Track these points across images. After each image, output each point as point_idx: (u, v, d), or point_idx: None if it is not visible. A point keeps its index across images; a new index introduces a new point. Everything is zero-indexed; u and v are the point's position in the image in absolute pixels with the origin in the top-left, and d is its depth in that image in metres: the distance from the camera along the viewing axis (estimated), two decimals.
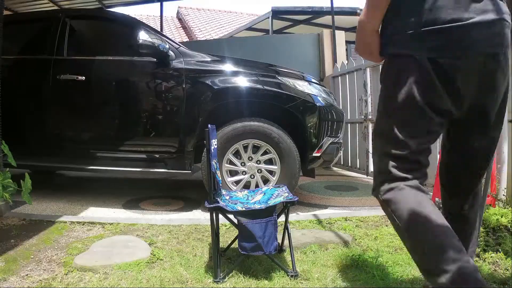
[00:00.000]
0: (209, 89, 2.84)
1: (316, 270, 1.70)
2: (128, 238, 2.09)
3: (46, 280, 1.61)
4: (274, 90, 2.86)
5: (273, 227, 1.61)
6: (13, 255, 1.86)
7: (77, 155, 3.06)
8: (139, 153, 2.99)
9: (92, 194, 3.46)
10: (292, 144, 2.75)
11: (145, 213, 2.83)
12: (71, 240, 2.11)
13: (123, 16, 3.38)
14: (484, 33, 1.05)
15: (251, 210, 1.67)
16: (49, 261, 1.82)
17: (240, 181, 2.83)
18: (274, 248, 1.59)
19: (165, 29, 10.73)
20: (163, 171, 2.94)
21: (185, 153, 2.87)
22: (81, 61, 3.11)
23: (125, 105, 3.05)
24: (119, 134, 3.06)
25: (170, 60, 2.90)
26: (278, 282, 1.57)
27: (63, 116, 3.10)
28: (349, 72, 4.64)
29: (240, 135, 2.76)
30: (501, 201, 2.39)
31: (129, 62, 3.01)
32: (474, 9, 1.04)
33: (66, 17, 3.19)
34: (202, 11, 14.04)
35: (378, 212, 2.63)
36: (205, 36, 10.92)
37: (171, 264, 1.77)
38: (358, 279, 1.61)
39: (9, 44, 3.04)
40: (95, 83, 3.05)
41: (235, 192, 2.03)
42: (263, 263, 1.74)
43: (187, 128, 2.87)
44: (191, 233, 2.24)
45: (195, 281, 1.59)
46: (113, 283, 1.57)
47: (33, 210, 2.73)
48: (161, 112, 3.00)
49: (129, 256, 1.81)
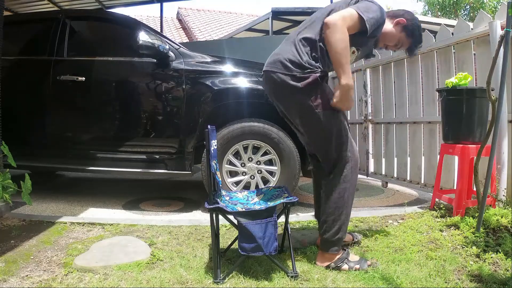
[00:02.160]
0: (209, 89, 2.84)
1: (316, 270, 1.70)
2: (128, 239, 2.08)
3: (46, 281, 1.61)
4: None
5: (273, 227, 1.61)
6: (13, 256, 1.86)
7: (77, 155, 3.06)
8: (139, 154, 2.99)
9: (92, 195, 3.46)
10: (292, 145, 2.75)
11: (145, 214, 2.83)
12: (71, 240, 2.11)
13: (123, 17, 3.38)
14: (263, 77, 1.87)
15: (251, 211, 1.67)
16: (49, 261, 1.82)
17: (240, 181, 2.83)
18: (274, 248, 1.59)
19: (165, 30, 10.74)
20: (163, 172, 2.94)
21: (185, 154, 2.87)
22: (81, 62, 3.12)
23: (125, 106, 3.05)
24: (119, 134, 3.05)
25: (170, 60, 2.91)
26: (278, 283, 1.57)
27: (63, 117, 3.10)
28: None
29: (240, 136, 2.76)
30: (501, 201, 2.39)
31: (129, 62, 3.02)
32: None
33: (66, 18, 3.19)
34: (202, 12, 14.05)
35: (377, 213, 2.63)
36: (205, 36, 10.92)
37: (171, 265, 1.77)
38: (358, 280, 1.61)
39: (10, 45, 3.05)
40: (95, 83, 3.05)
41: (235, 193, 2.03)
42: (263, 264, 1.74)
43: (187, 129, 2.87)
44: (191, 234, 2.24)
45: (195, 282, 1.59)
46: (113, 283, 1.57)
47: (33, 211, 2.73)
48: (161, 113, 3.00)
49: (129, 257, 1.81)
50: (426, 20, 8.61)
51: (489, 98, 2.04)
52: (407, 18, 1.91)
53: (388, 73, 3.77)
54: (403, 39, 1.93)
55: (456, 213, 2.36)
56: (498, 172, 2.43)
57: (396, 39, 1.93)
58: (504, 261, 1.76)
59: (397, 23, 1.90)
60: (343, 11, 1.69)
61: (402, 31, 1.91)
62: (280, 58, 1.76)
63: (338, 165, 1.76)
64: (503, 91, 2.00)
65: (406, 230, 2.25)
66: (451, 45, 2.90)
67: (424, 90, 3.27)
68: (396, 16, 1.93)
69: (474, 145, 2.38)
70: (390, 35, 1.92)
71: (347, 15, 1.66)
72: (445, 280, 1.61)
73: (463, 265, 1.76)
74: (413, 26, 1.91)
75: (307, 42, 1.75)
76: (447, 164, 2.88)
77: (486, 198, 2.07)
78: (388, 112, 3.81)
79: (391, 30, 1.91)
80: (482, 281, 1.59)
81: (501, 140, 2.41)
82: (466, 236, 2.06)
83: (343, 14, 1.67)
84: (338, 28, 1.62)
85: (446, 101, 2.51)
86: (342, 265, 1.73)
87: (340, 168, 1.76)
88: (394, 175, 3.68)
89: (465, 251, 1.90)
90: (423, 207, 2.77)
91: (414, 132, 3.42)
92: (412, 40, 1.94)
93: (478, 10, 14.06)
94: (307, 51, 1.74)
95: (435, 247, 1.99)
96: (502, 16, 2.37)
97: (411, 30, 1.90)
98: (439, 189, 2.77)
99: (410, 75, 3.44)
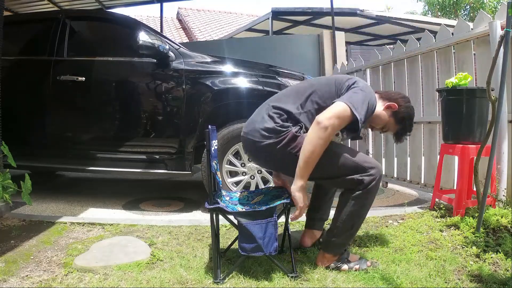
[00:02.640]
0: (209, 89, 2.84)
1: (316, 271, 1.70)
2: (128, 239, 2.08)
3: (46, 281, 1.61)
4: (274, 91, 2.85)
5: (273, 228, 1.60)
6: (13, 256, 1.86)
7: (77, 155, 3.06)
8: (139, 154, 2.99)
9: (92, 195, 3.46)
10: None
11: (145, 214, 2.83)
12: (71, 241, 2.11)
13: (123, 17, 3.38)
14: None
15: (251, 211, 1.67)
16: (49, 262, 1.82)
17: (240, 182, 2.83)
18: (274, 249, 1.59)
19: (165, 30, 10.74)
20: (163, 172, 2.94)
21: (185, 154, 2.87)
22: (81, 62, 3.12)
23: (125, 106, 3.05)
24: (119, 135, 3.05)
25: (170, 61, 2.91)
26: (278, 283, 1.57)
27: (64, 117, 3.10)
28: (349, 73, 4.64)
29: (240, 136, 2.75)
30: (501, 201, 2.39)
31: (129, 63, 3.02)
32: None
33: (66, 18, 3.19)
34: (202, 12, 14.05)
35: (377, 213, 2.63)
36: (205, 37, 10.93)
37: (171, 265, 1.77)
38: (358, 280, 1.61)
39: (10, 45, 3.05)
40: (95, 84, 3.05)
41: (235, 193, 2.03)
42: (263, 264, 1.74)
43: (187, 129, 2.87)
44: (191, 234, 2.24)
45: (195, 282, 1.59)
46: (113, 284, 1.57)
47: (33, 211, 2.73)
48: (161, 113, 3.00)
49: (129, 257, 1.81)
50: (426, 20, 8.62)
51: (489, 98, 2.04)
52: (400, 104, 1.84)
53: (388, 73, 3.77)
54: (391, 124, 1.87)
55: (456, 213, 2.36)
56: (498, 172, 2.42)
57: (384, 123, 1.87)
58: (504, 261, 1.76)
59: (388, 107, 1.84)
60: (338, 110, 1.62)
61: (392, 116, 1.85)
62: (257, 127, 1.78)
63: (355, 181, 1.65)
64: (503, 91, 2.00)
65: (406, 230, 2.25)
66: (451, 45, 2.90)
67: (424, 90, 3.27)
68: (389, 99, 1.86)
69: (474, 145, 2.38)
70: (378, 118, 1.85)
71: (341, 115, 1.61)
72: (445, 280, 1.61)
73: (463, 265, 1.76)
74: (404, 114, 1.85)
75: (283, 111, 1.76)
76: (447, 164, 2.88)
77: (486, 198, 2.07)
78: None
79: (380, 113, 1.84)
80: (482, 281, 1.59)
81: (501, 140, 2.41)
82: (466, 236, 2.06)
83: (338, 114, 1.61)
84: (325, 136, 1.59)
85: (446, 101, 2.51)
86: (342, 266, 1.73)
87: (359, 183, 1.65)
88: (394, 175, 3.68)
89: (465, 251, 1.90)
90: (423, 207, 2.77)
91: (414, 132, 3.41)
92: (400, 127, 1.88)
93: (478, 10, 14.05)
94: (282, 119, 1.75)
95: (435, 247, 1.99)
96: (502, 16, 2.37)
97: (401, 117, 1.85)
98: (439, 189, 2.77)
99: (410, 75, 3.44)
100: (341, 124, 1.65)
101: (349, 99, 1.66)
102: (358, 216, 1.70)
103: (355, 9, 7.71)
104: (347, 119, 1.64)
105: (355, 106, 1.63)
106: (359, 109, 1.64)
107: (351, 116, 1.63)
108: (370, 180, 1.63)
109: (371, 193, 1.66)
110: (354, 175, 1.64)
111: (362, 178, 1.63)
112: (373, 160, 1.72)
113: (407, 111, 1.87)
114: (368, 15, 7.81)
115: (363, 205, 1.67)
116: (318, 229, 2.04)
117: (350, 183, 1.66)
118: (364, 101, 1.68)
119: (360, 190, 1.64)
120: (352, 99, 1.66)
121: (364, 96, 1.70)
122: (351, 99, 1.66)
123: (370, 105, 1.71)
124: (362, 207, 1.68)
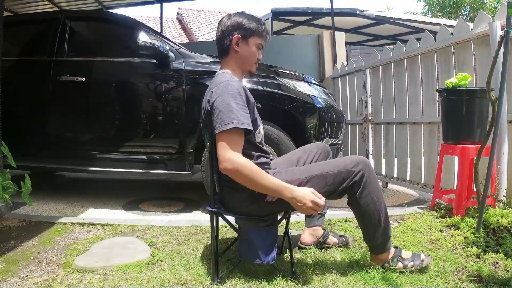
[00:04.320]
0: None
1: (316, 271, 1.70)
2: (128, 239, 2.08)
3: (46, 281, 1.61)
4: (274, 91, 2.86)
5: (273, 237, 1.59)
6: (13, 256, 1.86)
7: (77, 156, 3.06)
8: (139, 154, 2.99)
9: (92, 195, 3.46)
10: (292, 145, 2.75)
11: (145, 214, 2.83)
12: (71, 241, 2.11)
13: (123, 17, 3.38)
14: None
15: (253, 217, 1.65)
16: (49, 262, 1.82)
17: None
18: (272, 258, 1.57)
19: (165, 30, 10.74)
20: (163, 172, 2.94)
21: (185, 154, 2.87)
22: (81, 62, 3.12)
23: (125, 106, 3.05)
24: (119, 135, 3.06)
25: (170, 61, 2.90)
26: (278, 283, 1.57)
27: (63, 117, 3.10)
28: (349, 73, 4.64)
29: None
30: (501, 202, 2.39)
31: (129, 63, 3.02)
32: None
33: (66, 18, 3.19)
34: (202, 12, 14.04)
35: None
36: (205, 37, 10.91)
37: (171, 265, 1.77)
38: (358, 280, 1.61)
39: (10, 45, 3.05)
40: (95, 84, 3.05)
41: None
42: (262, 265, 1.73)
43: (187, 130, 2.87)
44: (191, 234, 2.24)
45: (195, 282, 1.59)
46: (113, 284, 1.57)
47: (33, 211, 2.73)
48: (161, 113, 3.00)
49: (129, 257, 1.81)
50: (426, 21, 8.63)
51: (489, 98, 2.04)
52: (231, 31, 1.70)
53: (388, 73, 3.77)
54: (251, 45, 1.73)
55: (456, 214, 2.36)
56: (498, 172, 2.42)
57: (250, 54, 1.74)
58: (504, 261, 1.76)
59: (233, 50, 1.71)
60: (218, 145, 1.51)
61: (242, 43, 1.71)
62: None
63: (349, 186, 1.62)
64: (503, 91, 2.00)
65: (406, 230, 2.25)
66: (451, 46, 2.90)
67: (424, 91, 3.28)
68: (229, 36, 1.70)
69: (474, 146, 2.38)
70: (243, 59, 1.74)
71: (222, 146, 1.49)
72: (445, 280, 1.61)
73: (463, 266, 1.76)
74: (241, 25, 1.71)
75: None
76: (447, 165, 2.88)
77: (486, 198, 2.07)
78: (388, 112, 3.82)
79: (239, 56, 1.72)
80: (482, 282, 1.59)
81: (501, 141, 2.41)
82: (466, 236, 2.06)
83: (220, 148, 1.49)
84: (240, 172, 1.47)
85: (446, 102, 2.51)
86: (396, 264, 1.69)
87: (353, 185, 1.62)
88: (394, 176, 3.68)
89: (465, 252, 1.90)
90: (423, 207, 2.77)
91: (414, 132, 3.42)
92: (250, 36, 1.72)
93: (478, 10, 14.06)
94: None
95: (435, 247, 1.99)
96: (502, 17, 2.37)
97: (244, 30, 1.70)
98: (439, 190, 2.77)
99: (410, 75, 3.44)
100: (235, 148, 1.50)
101: (220, 120, 1.50)
102: (376, 211, 1.65)
103: (355, 9, 7.71)
104: (238, 140, 1.52)
105: (229, 118, 1.48)
106: (234, 120, 1.48)
107: (238, 133, 1.51)
108: (361, 176, 1.62)
109: (371, 184, 1.63)
110: (344, 184, 1.62)
111: (353, 181, 1.62)
112: (352, 157, 1.69)
113: (239, 20, 1.71)
114: (368, 15, 7.82)
115: (371, 199, 1.64)
116: (319, 224, 2.01)
117: (346, 190, 1.65)
118: (228, 106, 1.51)
119: (359, 190, 1.63)
120: (223, 115, 1.50)
121: (229, 96, 1.54)
122: (222, 115, 1.50)
123: (237, 100, 1.54)
124: (373, 202, 1.64)
